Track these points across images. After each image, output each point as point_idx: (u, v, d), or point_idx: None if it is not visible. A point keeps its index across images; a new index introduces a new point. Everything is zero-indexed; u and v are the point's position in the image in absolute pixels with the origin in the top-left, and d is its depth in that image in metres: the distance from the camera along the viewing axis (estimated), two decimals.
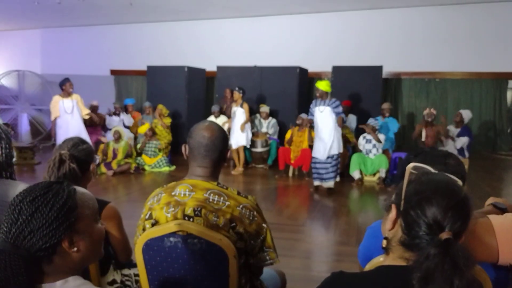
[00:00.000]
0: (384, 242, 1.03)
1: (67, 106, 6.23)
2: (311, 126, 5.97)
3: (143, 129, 7.51)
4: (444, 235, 0.90)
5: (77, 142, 1.73)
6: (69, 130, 6.08)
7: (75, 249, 0.98)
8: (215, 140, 1.51)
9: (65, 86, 6.20)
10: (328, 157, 5.45)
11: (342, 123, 5.48)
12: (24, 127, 9.87)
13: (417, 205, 0.95)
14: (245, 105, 6.90)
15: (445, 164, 1.34)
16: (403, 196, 0.98)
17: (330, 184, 5.54)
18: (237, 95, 6.91)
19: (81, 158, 1.68)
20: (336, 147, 5.47)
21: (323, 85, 5.40)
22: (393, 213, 1.00)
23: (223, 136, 1.54)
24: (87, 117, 6.58)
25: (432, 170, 1.06)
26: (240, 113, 6.86)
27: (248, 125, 7.02)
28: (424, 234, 0.92)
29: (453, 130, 6.79)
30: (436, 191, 0.95)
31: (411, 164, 1.05)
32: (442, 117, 6.84)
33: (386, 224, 1.02)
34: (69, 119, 6.24)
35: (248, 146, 7.11)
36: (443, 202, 0.92)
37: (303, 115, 6.83)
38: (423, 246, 0.91)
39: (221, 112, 7.88)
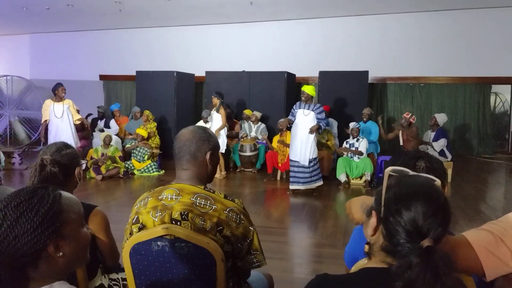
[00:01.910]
0: (366, 247, 1.02)
1: (57, 111, 6.24)
2: (289, 127, 5.99)
3: (142, 131, 7.40)
4: (426, 243, 0.88)
5: (61, 146, 1.71)
6: (59, 134, 6.09)
7: (61, 254, 0.97)
8: (185, 143, 1.52)
9: (57, 91, 6.21)
10: (310, 161, 5.51)
11: (315, 131, 5.49)
12: (13, 132, 9.75)
13: (396, 212, 0.93)
14: (222, 110, 6.85)
15: (415, 166, 1.32)
16: (383, 203, 0.97)
17: (317, 184, 5.62)
18: (215, 100, 6.87)
19: (64, 162, 1.66)
20: (315, 151, 5.57)
21: (309, 90, 5.47)
22: (373, 220, 0.99)
23: (197, 139, 1.53)
24: (78, 122, 6.55)
25: (410, 172, 1.03)
26: (217, 118, 6.81)
27: (224, 130, 6.93)
28: (405, 242, 0.91)
29: (429, 134, 6.98)
30: (415, 197, 0.93)
31: (389, 168, 1.03)
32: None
33: (368, 230, 1.01)
34: (59, 123, 6.24)
35: (223, 151, 7.08)
36: (423, 208, 0.91)
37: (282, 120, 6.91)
38: (404, 254, 0.90)
39: None
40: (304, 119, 5.46)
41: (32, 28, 11.01)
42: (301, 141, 5.47)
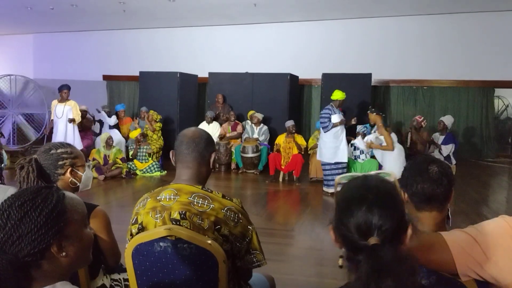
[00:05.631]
0: (340, 261, 1.01)
1: (58, 111, 6.54)
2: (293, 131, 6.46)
3: (134, 134, 7.50)
4: (372, 241, 0.87)
5: (50, 148, 1.69)
6: (58, 134, 6.49)
7: (64, 254, 0.98)
8: (195, 140, 1.53)
9: (60, 92, 6.52)
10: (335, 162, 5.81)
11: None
12: (17, 131, 9.79)
13: (340, 222, 0.95)
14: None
15: (427, 169, 1.32)
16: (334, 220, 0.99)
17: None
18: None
19: (45, 165, 1.65)
20: (338, 154, 5.88)
21: (339, 95, 5.82)
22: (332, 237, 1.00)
23: (205, 138, 1.56)
24: (69, 122, 6.58)
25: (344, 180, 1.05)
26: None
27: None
28: (354, 246, 0.91)
29: (438, 137, 6.97)
30: (350, 201, 0.94)
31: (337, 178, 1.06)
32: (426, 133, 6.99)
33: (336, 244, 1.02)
34: (58, 123, 6.56)
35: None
36: (358, 210, 0.91)
37: (290, 122, 6.93)
38: (354, 256, 0.90)
39: (214, 118, 7.91)
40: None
41: (36, 28, 11.07)
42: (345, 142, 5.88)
